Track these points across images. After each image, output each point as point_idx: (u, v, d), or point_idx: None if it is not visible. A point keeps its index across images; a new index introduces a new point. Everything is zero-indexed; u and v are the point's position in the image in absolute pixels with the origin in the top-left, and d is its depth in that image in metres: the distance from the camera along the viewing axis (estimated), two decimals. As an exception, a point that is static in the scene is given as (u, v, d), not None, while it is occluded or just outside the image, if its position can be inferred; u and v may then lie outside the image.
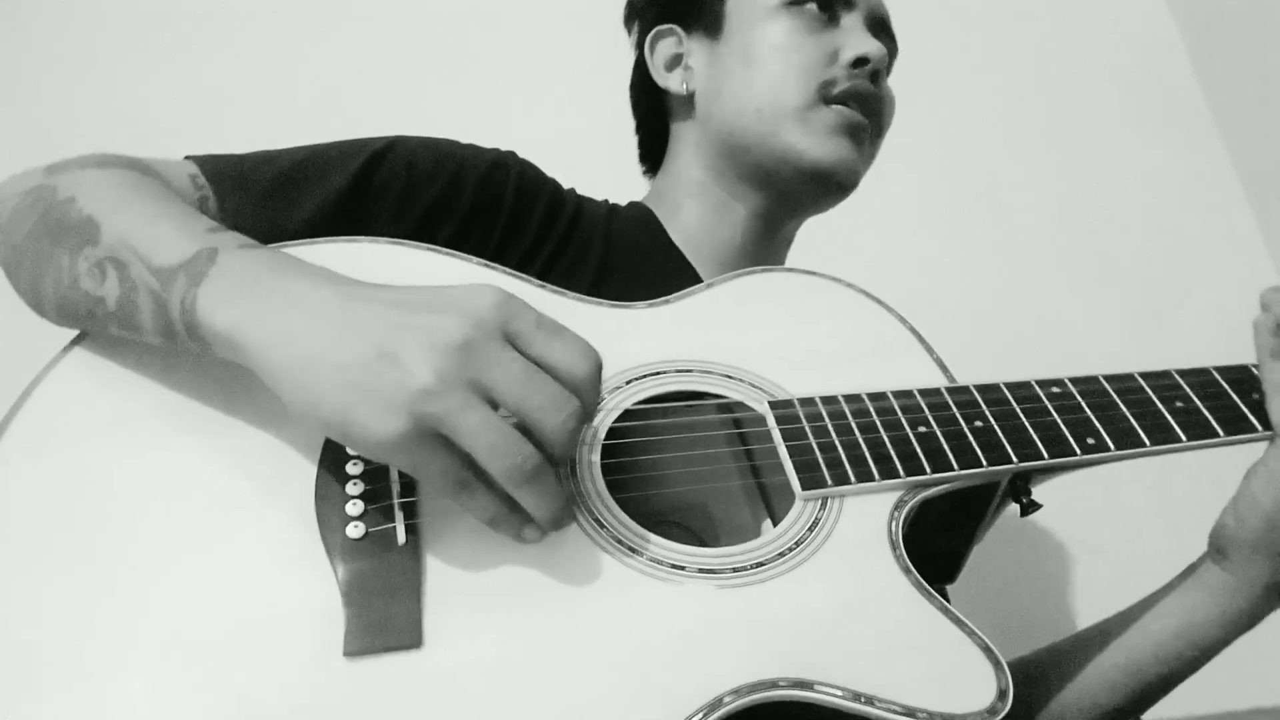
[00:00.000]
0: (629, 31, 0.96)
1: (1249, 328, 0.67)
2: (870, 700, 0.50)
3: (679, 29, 0.90)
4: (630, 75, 0.97)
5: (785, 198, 0.86)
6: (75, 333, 0.61)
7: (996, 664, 0.52)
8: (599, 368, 0.53)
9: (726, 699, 0.49)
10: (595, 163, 0.93)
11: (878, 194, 0.94)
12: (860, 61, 0.81)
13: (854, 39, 0.82)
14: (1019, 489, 0.65)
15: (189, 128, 1.22)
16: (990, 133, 1.52)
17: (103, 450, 0.56)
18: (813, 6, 0.83)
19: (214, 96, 1.32)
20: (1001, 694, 0.51)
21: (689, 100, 0.88)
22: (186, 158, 0.70)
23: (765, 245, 0.89)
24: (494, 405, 0.49)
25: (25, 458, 0.55)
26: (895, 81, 0.90)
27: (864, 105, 0.82)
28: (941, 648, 0.53)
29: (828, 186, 0.83)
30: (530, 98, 1.41)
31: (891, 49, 0.89)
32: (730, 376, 0.66)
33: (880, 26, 0.88)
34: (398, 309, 0.50)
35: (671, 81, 0.89)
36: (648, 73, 0.92)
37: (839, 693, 0.50)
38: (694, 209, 0.88)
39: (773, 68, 0.81)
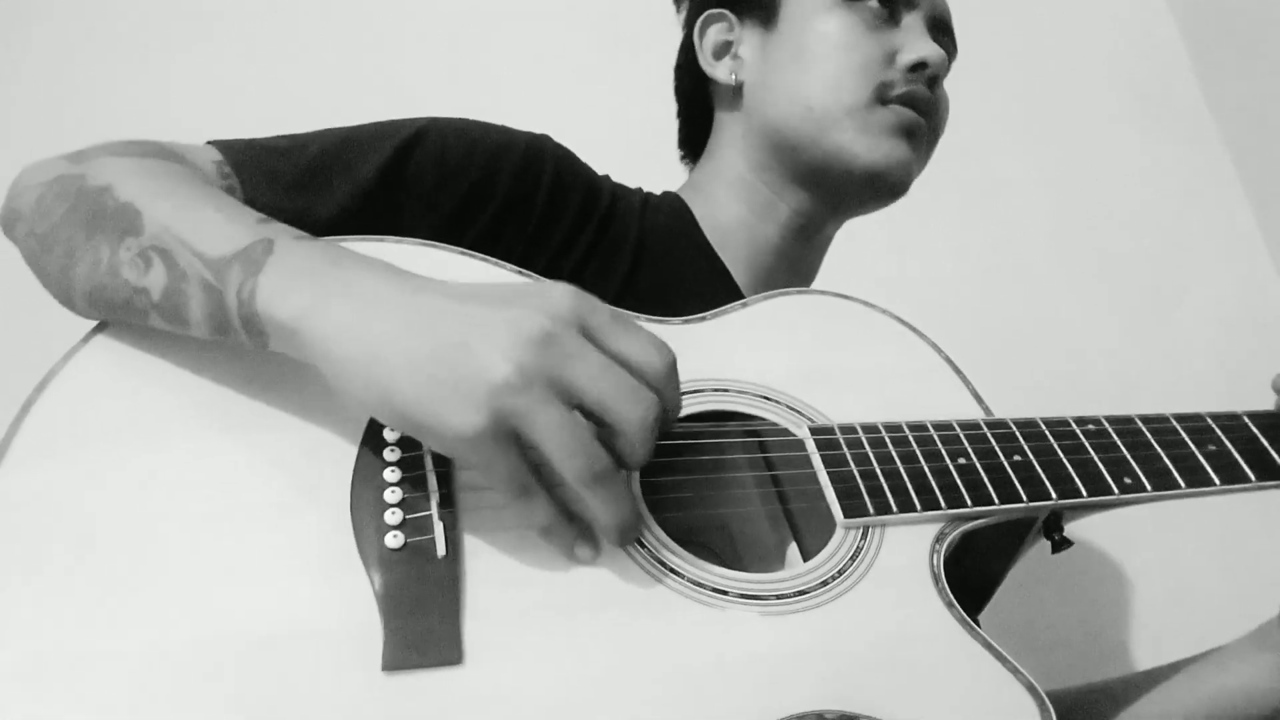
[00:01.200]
0: (678, 9, 0.93)
1: (1248, 327, 0.67)
2: (917, 736, 0.49)
3: (731, 15, 0.87)
4: (676, 55, 0.94)
5: (833, 199, 0.83)
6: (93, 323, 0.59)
7: (1041, 704, 0.51)
8: (674, 363, 0.51)
9: (772, 729, 0.48)
10: (628, 147, 0.91)
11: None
12: (919, 66, 0.79)
13: (913, 41, 0.79)
14: (1051, 526, 0.65)
15: (202, 123, 1.20)
16: (989, 131, 1.52)
17: (123, 447, 0.54)
18: (873, 3, 0.79)
19: (229, 91, 1.30)
20: (1047, 734, 0.50)
21: (737, 91, 0.85)
22: (209, 143, 0.68)
23: (803, 246, 0.87)
24: (569, 404, 0.48)
25: (40, 454, 0.53)
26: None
27: (920, 109, 0.79)
28: (986, 684, 0.52)
29: (880, 190, 0.80)
30: (562, 81, 1.39)
31: (951, 51, 0.86)
32: (767, 399, 0.66)
33: (941, 28, 0.84)
34: (469, 302, 0.49)
35: (719, 71, 0.86)
36: (694, 56, 0.88)
37: (886, 728, 0.49)
38: (733, 205, 0.85)
39: (827, 64, 0.78)
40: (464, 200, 0.70)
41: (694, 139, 0.94)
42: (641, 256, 0.77)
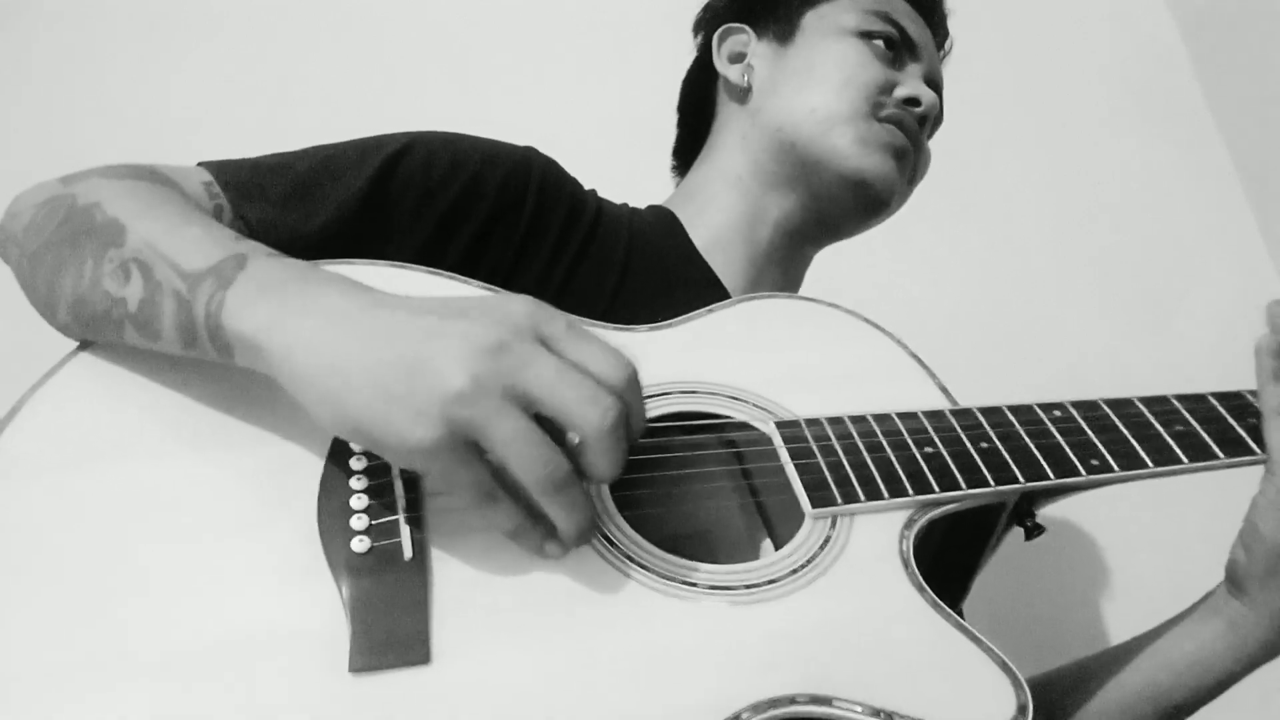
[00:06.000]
0: (695, 36, 0.99)
1: (1248, 328, 0.67)
2: (891, 716, 0.49)
3: (750, 30, 0.93)
4: (687, 71, 1.00)
5: (819, 204, 0.87)
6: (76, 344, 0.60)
7: (1015, 680, 0.51)
8: (635, 373, 0.52)
9: (744, 714, 0.48)
10: (613, 163, 0.93)
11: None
12: (912, 100, 0.86)
13: (911, 81, 0.87)
14: (1023, 512, 0.65)
15: (202, 125, 1.21)
16: (989, 132, 1.53)
17: (99, 465, 0.55)
18: (880, 43, 0.87)
19: (228, 94, 1.32)
20: (1021, 709, 0.50)
21: (744, 93, 0.90)
22: (199, 164, 0.69)
23: (788, 257, 0.90)
24: (527, 412, 0.48)
25: (16, 472, 0.54)
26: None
27: (907, 136, 0.86)
28: (959, 664, 0.52)
29: (863, 198, 0.85)
30: (549, 95, 1.41)
31: (941, 113, 0.93)
32: (735, 398, 0.66)
33: (935, 87, 0.91)
34: (427, 315, 0.50)
35: (732, 72, 0.92)
36: (702, 71, 0.95)
37: (859, 708, 0.49)
38: (725, 206, 0.88)
39: (835, 76, 0.85)
40: (450, 211, 0.71)
41: (688, 150, 0.99)
42: (630, 267, 0.79)
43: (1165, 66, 1.65)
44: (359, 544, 0.52)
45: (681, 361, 0.68)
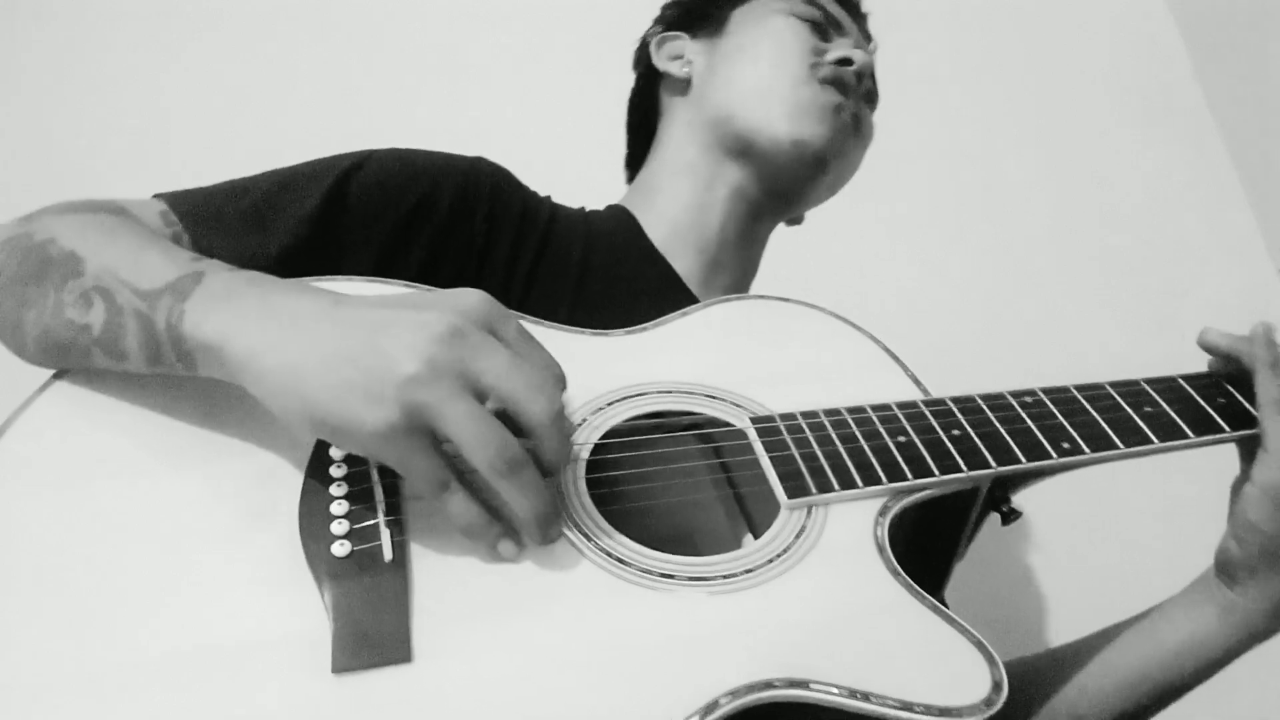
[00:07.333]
0: (634, 71, 1.02)
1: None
2: (867, 696, 0.50)
3: (684, 35, 0.97)
4: (630, 94, 1.03)
5: (765, 171, 0.88)
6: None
7: (989, 658, 0.52)
8: (563, 384, 0.55)
9: (722, 700, 0.49)
10: (575, 166, 0.95)
11: (878, 194, 0.94)
12: (845, 61, 0.88)
13: (841, 46, 0.90)
14: (998, 498, 0.66)
15: (196, 128, 1.22)
16: (990, 133, 1.54)
17: (82, 485, 0.55)
18: (808, 25, 0.90)
19: (222, 98, 1.32)
20: (996, 686, 0.51)
21: (685, 84, 0.94)
22: (155, 196, 0.70)
23: (744, 234, 0.91)
24: (479, 399, 0.50)
25: (2, 492, 0.55)
26: (894, 82, 0.96)
27: (845, 95, 0.88)
28: (934, 644, 0.53)
29: (804, 159, 0.86)
30: (518, 100, 1.43)
31: (876, 92, 0.95)
32: (711, 396, 0.67)
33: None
34: (382, 309, 0.52)
35: (673, 67, 0.95)
36: (645, 85, 0.99)
37: (835, 690, 0.50)
38: (676, 194, 0.90)
39: (768, 51, 0.88)
40: (406, 221, 0.73)
41: (638, 160, 1.00)
42: (588, 269, 0.80)
43: (1165, 66, 1.65)
44: (340, 548, 0.53)
45: (657, 363, 0.69)
